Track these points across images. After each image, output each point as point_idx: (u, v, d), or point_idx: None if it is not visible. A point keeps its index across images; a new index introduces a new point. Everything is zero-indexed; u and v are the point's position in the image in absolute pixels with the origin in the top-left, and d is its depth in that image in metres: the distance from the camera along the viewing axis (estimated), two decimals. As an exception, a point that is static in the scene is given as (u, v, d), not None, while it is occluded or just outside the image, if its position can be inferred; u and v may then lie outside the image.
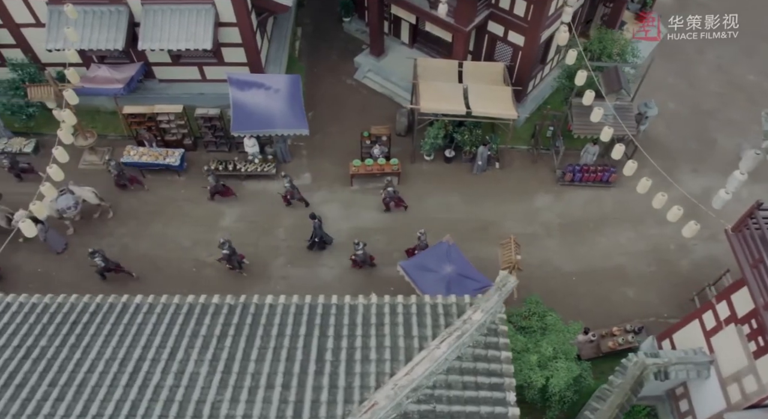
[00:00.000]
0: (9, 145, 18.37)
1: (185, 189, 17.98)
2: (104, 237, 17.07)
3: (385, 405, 8.26)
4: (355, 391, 8.59)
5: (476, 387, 8.90)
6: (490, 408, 8.65)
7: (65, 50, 15.46)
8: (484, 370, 9.12)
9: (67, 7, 15.07)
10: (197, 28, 16.68)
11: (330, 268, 16.62)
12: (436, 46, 20.71)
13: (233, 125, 16.42)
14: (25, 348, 9.35)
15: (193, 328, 9.66)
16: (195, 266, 16.55)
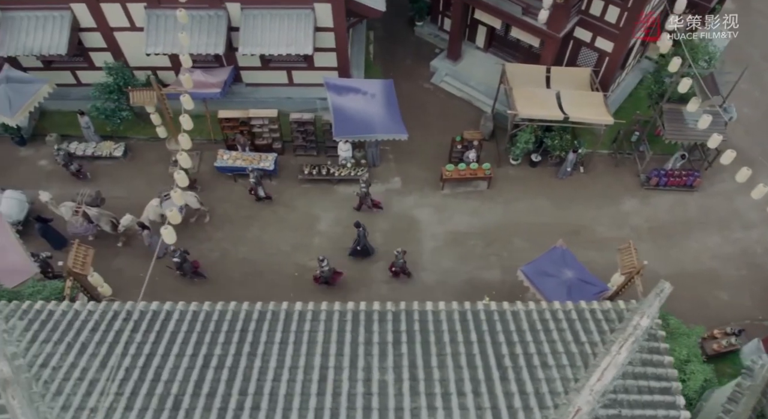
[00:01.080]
0: (99, 149, 18.32)
1: (278, 194, 18.02)
2: (203, 242, 17.10)
3: (587, 410, 8.45)
4: (546, 397, 8.76)
5: (649, 391, 9.12)
6: (664, 411, 8.88)
7: (179, 55, 15.39)
8: (653, 375, 9.35)
9: (179, 12, 15.06)
10: (297, 33, 16.73)
11: (432, 272, 16.76)
12: (511, 51, 20.90)
13: (336, 130, 16.49)
14: (201, 356, 9.39)
15: (365, 335, 9.75)
16: (297, 270, 16.61)
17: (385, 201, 18.07)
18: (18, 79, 17.15)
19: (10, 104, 16.65)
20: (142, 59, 18.11)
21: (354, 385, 8.94)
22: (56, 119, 19.08)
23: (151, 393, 8.82)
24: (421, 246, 17.18)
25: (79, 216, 15.65)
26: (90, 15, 17.01)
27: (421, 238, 17.33)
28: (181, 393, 8.83)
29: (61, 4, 16.78)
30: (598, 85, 18.34)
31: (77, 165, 17.64)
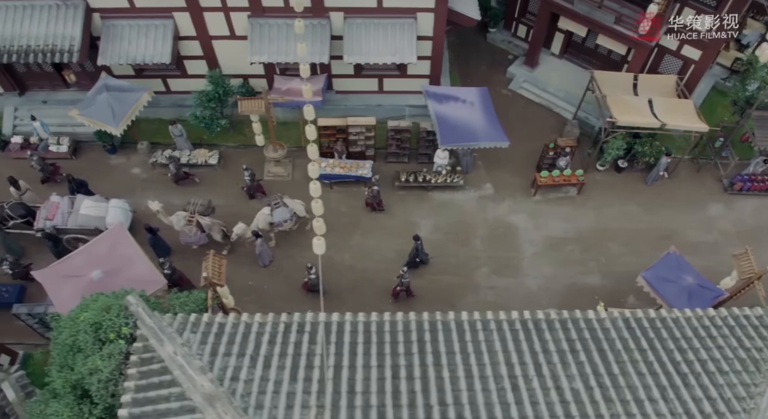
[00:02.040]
0: (193, 156, 18.35)
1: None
2: (307, 249, 16.88)
3: (781, 416, 8.74)
4: (732, 402, 9.07)
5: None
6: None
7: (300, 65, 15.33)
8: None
9: (298, 22, 15.06)
10: (401, 42, 16.89)
11: (534, 278, 17.02)
12: (588, 57, 21.21)
13: (442, 139, 16.67)
14: (389, 367, 9.54)
15: (539, 344, 9.97)
16: (403, 277, 16.79)
17: (479, 207, 18.32)
18: (118, 88, 17.17)
19: (113, 113, 16.67)
20: (235, 67, 18.19)
21: (548, 393, 9.16)
22: (143, 126, 19.05)
23: (351, 405, 8.98)
24: (521, 252, 17.44)
25: (192, 226, 15.69)
26: (191, 23, 17.04)
27: (519, 244, 17.59)
28: (382, 404, 8.99)
29: (163, 13, 16.79)
30: (686, 92, 18.69)
31: (184, 172, 17.69)
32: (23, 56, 16.22)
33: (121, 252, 14.25)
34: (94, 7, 16.63)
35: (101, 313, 11.15)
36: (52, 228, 15.75)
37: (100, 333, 11.18)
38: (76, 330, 11.21)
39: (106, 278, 13.60)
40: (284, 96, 16.74)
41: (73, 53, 16.17)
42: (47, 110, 19.18)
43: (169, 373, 9.31)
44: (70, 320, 11.37)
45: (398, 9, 16.68)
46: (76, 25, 16.31)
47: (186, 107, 19.09)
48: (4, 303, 15.59)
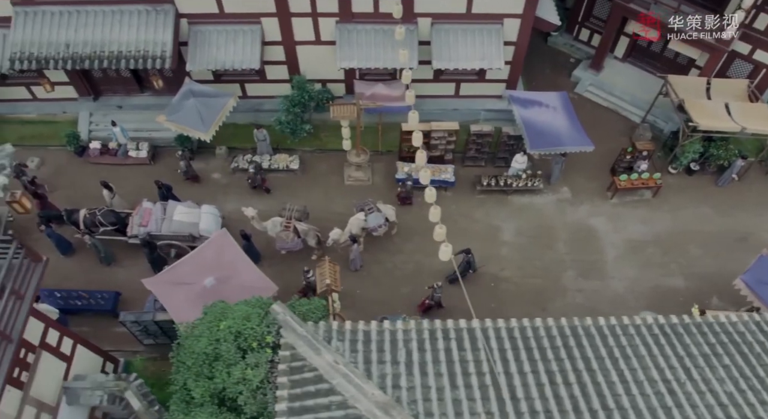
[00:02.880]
0: (275, 161, 18.39)
1: (456, 205, 18.32)
2: (395, 254, 17.34)
3: None
4: None
5: None
6: None
7: (402, 71, 15.47)
8: None
9: (398, 29, 15.18)
10: (488, 47, 17.03)
11: (619, 280, 17.24)
12: (652, 61, 21.45)
13: (530, 144, 16.84)
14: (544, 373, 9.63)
15: (681, 348, 10.15)
16: (492, 280, 16.97)
17: (559, 210, 18.53)
18: (203, 93, 17.16)
19: (201, 119, 16.67)
20: (315, 72, 18.23)
21: (703, 396, 9.32)
22: (219, 131, 18.98)
23: (518, 411, 9.09)
24: (604, 255, 17.66)
25: (289, 231, 15.75)
26: (278, 29, 17.06)
27: (602, 247, 17.81)
28: (547, 410, 9.11)
29: (251, 19, 16.80)
30: (757, 95, 18.97)
31: (261, 178, 17.73)
32: (114, 62, 16.17)
33: (228, 259, 14.28)
34: (182, 13, 16.60)
35: (242, 322, 11.23)
36: (146, 235, 15.74)
37: (240, 341, 11.27)
38: (214, 339, 11.29)
39: (219, 285, 13.65)
40: (370, 101, 16.77)
41: (165, 59, 16.14)
42: (122, 114, 19.13)
43: (326, 382, 9.38)
44: (207, 329, 11.43)
45: (486, 15, 16.80)
46: (167, 31, 16.27)
47: (263, 111, 19.15)
48: (101, 310, 15.59)
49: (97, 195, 17.37)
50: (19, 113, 19.41)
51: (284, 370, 9.88)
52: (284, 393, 9.48)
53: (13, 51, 16.25)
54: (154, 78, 17.01)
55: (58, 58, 16.17)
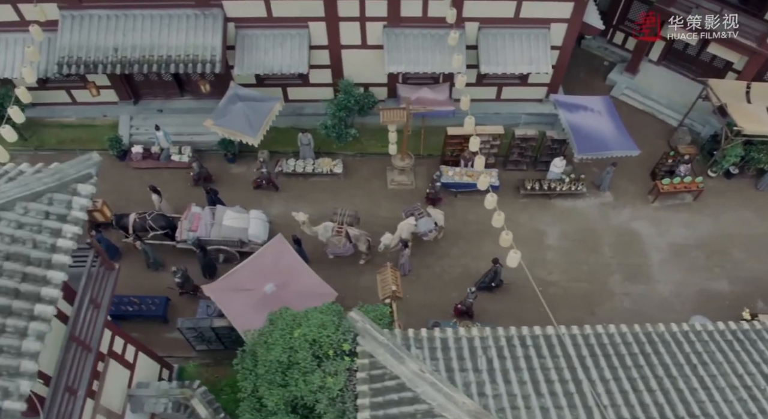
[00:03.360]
0: (318, 165, 18.35)
1: (500, 208, 18.28)
2: (442, 258, 17.34)
3: None
4: None
5: None
6: None
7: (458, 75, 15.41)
8: None
9: (453, 33, 15.19)
10: (536, 52, 17.05)
11: (665, 284, 17.29)
12: (688, 64, 21.50)
13: (578, 148, 16.86)
14: (625, 380, 9.66)
15: (757, 354, 10.18)
16: (540, 285, 16.90)
17: (601, 214, 18.57)
18: (250, 97, 17.11)
19: (249, 123, 16.62)
20: (358, 76, 18.18)
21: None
22: (260, 135, 19.03)
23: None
24: (649, 258, 17.71)
25: (341, 236, 15.72)
26: (325, 33, 17.02)
27: (646, 250, 17.86)
28: (635, 418, 9.17)
29: (299, 23, 16.75)
30: (798, 100, 19.06)
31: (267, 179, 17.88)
32: (164, 67, 16.08)
33: (285, 265, 14.27)
34: (229, 17, 16.53)
35: (318, 329, 11.21)
36: (195, 239, 15.68)
37: (315, 349, 11.25)
38: (288, 347, 11.26)
39: (279, 291, 13.62)
40: (419, 105, 16.75)
41: (215, 64, 16.07)
42: (162, 118, 19.05)
43: (409, 390, 9.37)
44: (280, 337, 11.39)
45: (534, 20, 16.80)
46: (216, 35, 16.20)
47: (304, 115, 19.12)
48: (152, 316, 15.52)
49: (141, 199, 17.32)
50: (59, 117, 19.31)
51: (364, 378, 9.87)
52: (366, 402, 9.46)
53: (61, 55, 16.16)
54: (202, 82, 16.93)
55: (107, 63, 16.09)
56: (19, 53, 16.97)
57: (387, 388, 9.58)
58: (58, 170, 9.07)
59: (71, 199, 9.02)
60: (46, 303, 8.01)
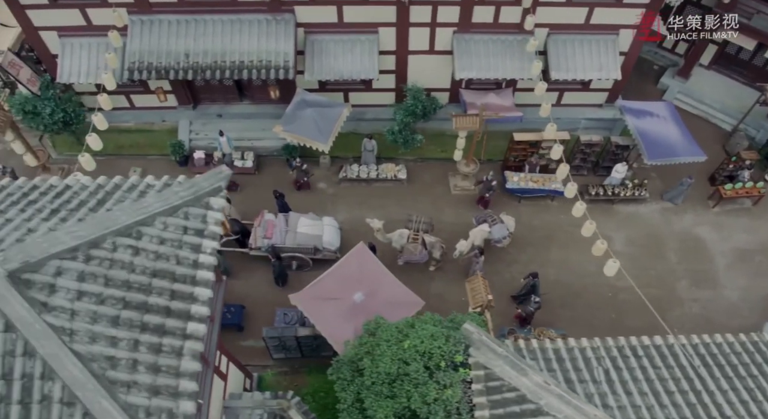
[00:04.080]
0: (382, 171, 18.28)
1: (564, 214, 18.30)
2: (511, 264, 17.31)
3: None
4: None
5: None
6: None
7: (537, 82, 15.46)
8: None
9: (532, 40, 15.15)
10: (605, 58, 17.04)
11: (732, 289, 17.35)
12: (739, 69, 21.58)
13: (649, 154, 16.88)
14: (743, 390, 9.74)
15: None
16: (610, 291, 17.01)
17: (664, 220, 18.62)
18: (317, 103, 17.02)
19: (319, 129, 16.52)
20: (422, 81, 18.07)
21: None
22: (319, 139, 18.91)
23: None
24: (715, 264, 17.77)
25: (418, 244, 15.66)
26: (393, 38, 16.93)
27: (711, 256, 17.92)
28: None
29: (369, 28, 16.65)
30: None
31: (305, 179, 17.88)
32: (237, 72, 15.94)
33: (370, 273, 14.18)
34: (300, 22, 16.41)
35: (430, 341, 11.15)
36: (270, 247, 15.58)
37: (425, 360, 11.19)
38: (397, 358, 11.18)
39: (368, 300, 13.54)
40: (491, 111, 16.69)
41: (288, 70, 15.94)
42: (222, 123, 18.89)
43: (531, 402, 9.34)
44: (388, 348, 11.31)
45: (604, 26, 16.78)
46: (288, 41, 16.07)
47: (364, 120, 19.02)
48: (228, 324, 15.40)
49: (207, 206, 17.14)
50: (117, 122, 19.01)
51: (480, 390, 9.83)
52: (486, 414, 9.43)
53: (131, 61, 15.98)
54: (272, 88, 16.81)
55: (178, 68, 15.92)
56: (85, 58, 16.80)
57: (507, 400, 9.53)
58: (192, 183, 8.94)
59: (206, 213, 8.90)
60: (197, 321, 7.90)
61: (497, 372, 9.89)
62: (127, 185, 9.22)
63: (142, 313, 7.67)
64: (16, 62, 16.19)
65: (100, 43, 16.75)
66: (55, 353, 6.83)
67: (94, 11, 16.22)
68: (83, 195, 8.89)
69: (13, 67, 16.04)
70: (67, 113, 17.16)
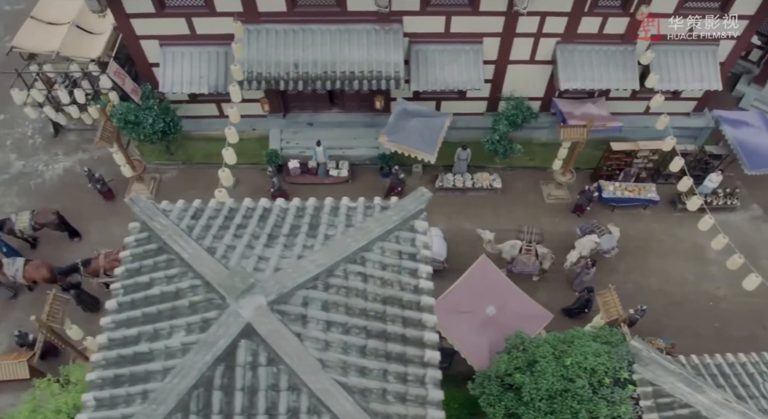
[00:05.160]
0: (477, 180, 18.28)
1: (657, 223, 18.47)
2: (612, 274, 17.36)
3: None
4: None
5: None
6: None
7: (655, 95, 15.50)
8: None
9: (649, 52, 15.18)
10: (706, 69, 17.12)
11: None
12: (814, 76, 21.84)
13: (750, 164, 17.02)
14: None
15: None
16: (711, 299, 17.16)
17: (755, 228, 18.79)
18: (421, 113, 17.00)
19: (424, 140, 16.49)
20: (516, 90, 18.07)
21: None
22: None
23: None
24: (810, 272, 17.99)
25: (531, 255, 15.69)
26: (496, 48, 16.91)
27: (805, 264, 18.15)
28: None
29: (474, 38, 16.61)
30: None
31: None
32: (347, 83, 15.84)
33: (496, 285, 14.19)
34: (406, 32, 16.33)
35: (593, 357, 11.18)
36: (381, 259, 15.49)
37: (588, 376, 11.23)
38: (559, 374, 11.21)
39: (499, 313, 13.57)
40: (599, 123, 16.75)
41: (399, 80, 15.88)
42: (312, 132, 18.80)
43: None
44: (547, 364, 11.34)
45: (705, 38, 16.84)
46: (397, 51, 15.99)
47: (456, 129, 18.86)
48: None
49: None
50: (205, 131, 18.94)
51: (649, 407, 9.91)
52: None
53: (242, 70, 15.80)
54: (378, 99, 16.71)
55: (288, 79, 15.82)
56: (187, 67, 16.63)
57: (679, 417, 9.62)
58: (401, 207, 8.88)
59: (414, 236, 8.86)
60: (431, 348, 7.87)
61: (667, 389, 9.94)
62: (328, 207, 9.15)
63: (384, 342, 7.63)
64: (120, 72, 15.97)
65: (201, 53, 16.63)
66: (326, 388, 6.76)
67: (198, 20, 16.04)
68: (290, 219, 8.80)
69: (119, 76, 15.83)
70: (166, 122, 16.96)
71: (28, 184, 18.45)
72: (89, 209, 17.77)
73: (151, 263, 8.22)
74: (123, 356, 7.44)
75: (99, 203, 17.99)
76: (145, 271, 8.24)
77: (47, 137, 19.54)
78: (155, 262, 8.21)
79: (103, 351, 7.61)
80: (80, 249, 17.01)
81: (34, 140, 19.53)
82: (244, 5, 15.50)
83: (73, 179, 18.53)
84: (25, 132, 19.74)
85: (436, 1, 15.74)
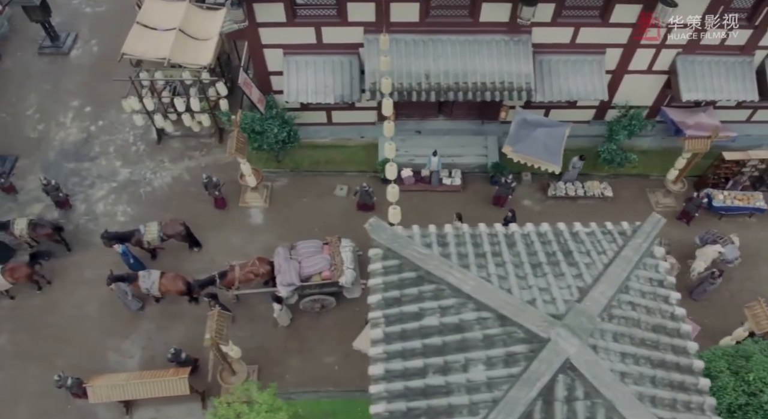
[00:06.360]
0: (589, 188, 18.43)
1: (764, 232, 18.72)
2: (727, 282, 17.34)
3: None
4: None
5: None
6: None
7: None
8: None
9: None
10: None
11: None
12: None
13: None
14: None
15: None
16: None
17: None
18: (541, 123, 17.05)
19: (547, 150, 16.57)
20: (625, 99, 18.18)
21: None
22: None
23: None
24: None
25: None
26: (617, 59, 17.00)
27: None
28: None
29: (597, 49, 16.67)
30: None
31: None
32: (479, 94, 15.84)
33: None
34: (533, 42, 16.35)
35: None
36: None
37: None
38: (740, 389, 11.43)
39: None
40: (724, 134, 16.95)
41: (530, 91, 15.91)
42: (420, 139, 18.81)
43: None
44: (727, 378, 11.55)
45: (824, 47, 17.07)
46: (527, 62, 16.02)
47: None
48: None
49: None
50: (313, 138, 18.86)
51: None
52: None
53: (371, 81, 15.77)
54: (505, 108, 16.74)
55: (420, 90, 15.79)
56: (311, 77, 16.51)
57: None
58: (644, 232, 8.98)
59: (657, 263, 8.98)
60: (700, 375, 8.00)
61: None
62: (567, 233, 9.22)
63: (666, 371, 7.74)
64: (248, 81, 15.81)
65: (326, 62, 16.54)
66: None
67: (327, 29, 15.92)
68: (538, 246, 8.88)
69: (247, 86, 15.67)
70: (288, 132, 16.87)
71: (137, 192, 18.24)
72: (202, 218, 17.62)
73: (416, 292, 8.23)
74: (412, 389, 7.47)
75: (211, 211, 17.86)
76: (409, 300, 8.24)
77: (150, 143, 19.31)
78: (420, 291, 8.22)
79: (383, 383, 7.61)
80: (200, 259, 16.93)
81: (137, 146, 19.30)
82: (377, 16, 15.41)
83: (182, 187, 18.37)
84: (126, 139, 19.49)
85: (568, 12, 15.75)
